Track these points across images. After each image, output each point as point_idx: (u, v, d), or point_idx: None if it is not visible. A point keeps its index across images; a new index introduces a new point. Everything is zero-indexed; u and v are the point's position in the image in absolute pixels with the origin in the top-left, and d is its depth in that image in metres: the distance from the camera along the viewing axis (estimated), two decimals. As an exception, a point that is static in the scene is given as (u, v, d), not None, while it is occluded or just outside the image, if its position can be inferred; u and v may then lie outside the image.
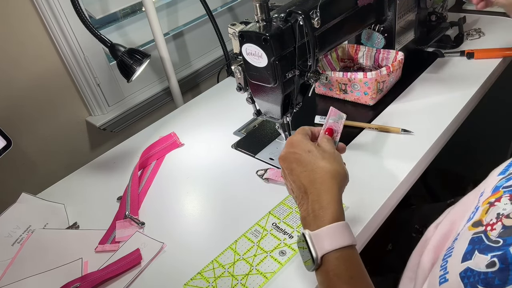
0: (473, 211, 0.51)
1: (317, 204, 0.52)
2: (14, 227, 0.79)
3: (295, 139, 0.59)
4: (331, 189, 0.52)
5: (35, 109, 1.03)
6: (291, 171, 0.57)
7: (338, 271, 0.48)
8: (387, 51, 0.97)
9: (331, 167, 0.54)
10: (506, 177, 0.49)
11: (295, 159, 0.57)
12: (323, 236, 0.49)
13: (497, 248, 0.39)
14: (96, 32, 0.90)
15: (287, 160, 0.58)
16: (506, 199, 0.44)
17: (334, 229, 0.49)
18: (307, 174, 0.54)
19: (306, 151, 0.56)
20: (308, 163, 0.55)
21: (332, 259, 0.48)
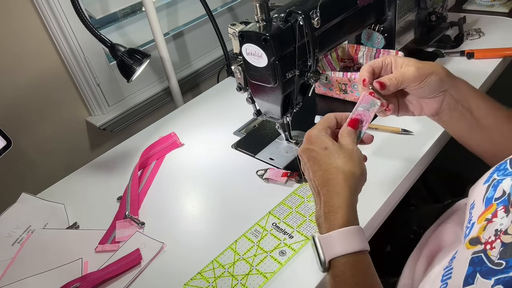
0: (467, 226, 0.50)
1: (328, 206, 0.50)
2: (14, 227, 0.79)
3: (312, 134, 0.55)
4: (343, 191, 0.50)
5: (35, 109, 1.03)
6: (307, 168, 0.55)
7: (344, 277, 0.47)
8: (387, 51, 0.97)
9: (345, 168, 0.51)
10: (492, 185, 0.49)
11: (311, 156, 0.54)
12: (332, 241, 0.48)
13: (500, 271, 0.38)
14: (96, 32, 0.90)
15: (304, 156, 0.55)
16: (501, 213, 0.43)
17: (344, 234, 0.48)
18: (321, 174, 0.52)
19: (322, 148, 0.53)
20: (323, 162, 0.52)
21: (339, 264, 0.47)
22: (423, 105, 0.61)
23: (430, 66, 0.58)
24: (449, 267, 0.47)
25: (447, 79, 0.58)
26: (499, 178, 0.48)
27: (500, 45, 1.01)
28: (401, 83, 0.57)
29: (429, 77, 0.57)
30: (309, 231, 0.67)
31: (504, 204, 0.44)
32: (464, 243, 0.46)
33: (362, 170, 0.53)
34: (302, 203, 0.72)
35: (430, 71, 0.57)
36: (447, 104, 0.59)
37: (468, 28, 1.13)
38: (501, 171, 0.49)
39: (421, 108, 0.62)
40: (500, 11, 1.20)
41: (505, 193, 0.45)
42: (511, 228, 0.40)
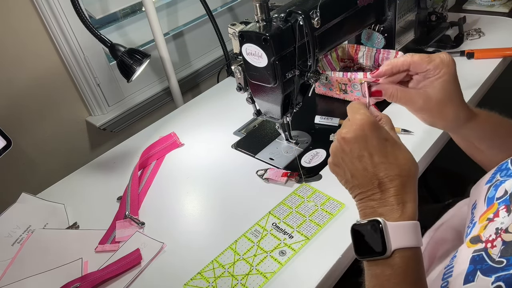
0: (468, 225, 0.50)
1: (399, 198, 0.47)
2: (14, 227, 0.79)
3: (367, 122, 0.49)
4: (412, 185, 0.48)
5: (35, 109, 1.03)
6: (359, 158, 0.49)
7: (406, 269, 0.45)
8: (387, 51, 0.97)
9: (413, 163, 0.49)
10: (493, 185, 0.48)
11: (371, 146, 0.48)
12: (403, 231, 0.45)
13: (500, 269, 0.38)
14: (96, 32, 0.90)
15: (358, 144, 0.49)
16: (503, 212, 0.43)
17: (414, 226, 0.46)
18: (386, 167, 0.48)
19: (383, 139, 0.49)
20: (389, 153, 0.48)
21: (406, 255, 0.45)
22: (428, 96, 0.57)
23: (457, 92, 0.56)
24: (450, 265, 0.47)
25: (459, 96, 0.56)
26: (502, 179, 0.48)
27: (500, 45, 1.01)
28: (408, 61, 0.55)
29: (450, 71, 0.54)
30: (309, 231, 0.67)
31: (505, 204, 0.44)
32: (465, 242, 0.46)
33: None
34: (302, 203, 0.72)
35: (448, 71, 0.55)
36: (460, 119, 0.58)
37: (468, 28, 1.13)
38: (503, 171, 0.49)
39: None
40: (500, 11, 1.20)
41: (506, 193, 0.45)
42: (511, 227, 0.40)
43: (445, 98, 0.55)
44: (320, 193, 0.74)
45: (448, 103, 0.56)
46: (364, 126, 0.49)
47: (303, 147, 0.86)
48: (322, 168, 0.79)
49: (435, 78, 0.55)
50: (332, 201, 0.71)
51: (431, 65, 0.54)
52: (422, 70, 0.55)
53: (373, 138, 0.49)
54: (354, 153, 0.50)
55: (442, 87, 0.55)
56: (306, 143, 0.87)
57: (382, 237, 0.45)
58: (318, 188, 0.75)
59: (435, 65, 0.54)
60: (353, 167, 0.50)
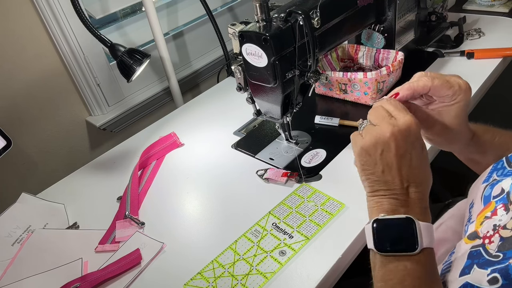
0: (466, 223, 0.50)
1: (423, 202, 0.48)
2: (14, 227, 0.79)
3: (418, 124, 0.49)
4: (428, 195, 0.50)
5: (35, 109, 1.03)
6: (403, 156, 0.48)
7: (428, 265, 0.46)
8: (387, 51, 0.97)
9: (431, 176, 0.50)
10: (490, 184, 0.49)
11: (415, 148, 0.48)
12: (431, 231, 0.47)
13: (497, 262, 0.38)
14: (96, 32, 0.90)
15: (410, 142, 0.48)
16: (501, 211, 0.44)
17: (433, 229, 0.48)
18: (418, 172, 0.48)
19: (422, 147, 0.49)
20: (423, 160, 0.49)
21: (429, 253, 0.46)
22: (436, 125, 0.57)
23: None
24: (448, 261, 0.47)
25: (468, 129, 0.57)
26: (499, 178, 0.48)
27: (500, 45, 1.01)
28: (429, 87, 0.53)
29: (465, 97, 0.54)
30: (309, 231, 0.67)
31: (503, 202, 0.44)
32: (463, 239, 0.47)
33: None
34: (302, 203, 0.72)
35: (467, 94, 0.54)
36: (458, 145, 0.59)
37: (468, 28, 1.13)
38: (499, 170, 0.49)
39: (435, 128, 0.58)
40: (500, 11, 1.20)
41: (503, 191, 0.45)
42: (510, 224, 0.41)
43: (457, 124, 0.55)
44: (320, 193, 0.74)
45: (460, 128, 0.56)
46: (415, 128, 0.48)
47: (303, 147, 0.86)
48: (322, 168, 0.79)
49: (451, 104, 0.54)
50: (332, 201, 0.71)
51: (450, 91, 0.53)
52: (441, 95, 0.54)
53: (419, 142, 0.49)
54: (399, 150, 0.48)
55: (456, 114, 0.55)
56: (306, 143, 0.87)
57: (415, 234, 0.46)
58: (318, 188, 0.75)
59: (454, 91, 0.53)
60: (389, 162, 0.48)
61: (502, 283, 0.37)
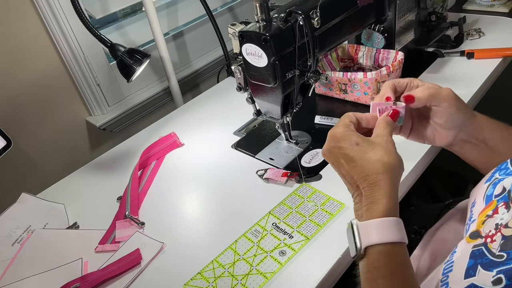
0: (467, 222, 0.50)
1: (369, 198, 0.50)
2: (14, 227, 0.79)
3: (338, 132, 0.54)
4: (384, 183, 0.50)
5: (35, 109, 1.03)
6: (339, 166, 0.54)
7: (377, 265, 0.47)
8: (387, 51, 0.97)
9: (384, 160, 0.50)
10: (492, 183, 0.49)
11: (342, 154, 0.53)
12: (370, 229, 0.48)
13: (501, 263, 0.38)
14: (96, 32, 0.90)
15: (333, 155, 0.54)
16: (502, 209, 0.44)
17: (383, 223, 0.48)
18: (358, 170, 0.51)
19: (353, 144, 0.52)
20: (358, 157, 0.51)
21: (375, 252, 0.47)
22: (435, 136, 0.60)
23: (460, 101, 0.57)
24: (450, 260, 0.47)
25: (468, 118, 0.57)
26: (501, 177, 0.48)
27: (500, 45, 1.01)
28: (432, 97, 0.55)
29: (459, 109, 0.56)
30: (309, 231, 0.67)
31: (504, 201, 0.44)
32: (464, 238, 0.46)
33: (399, 160, 0.52)
34: (302, 203, 0.72)
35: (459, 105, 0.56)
36: (460, 139, 0.59)
37: (468, 28, 1.13)
38: (503, 170, 0.49)
39: (433, 138, 0.61)
40: (500, 11, 1.20)
41: (505, 190, 0.45)
42: (511, 222, 0.41)
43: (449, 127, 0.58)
44: (320, 193, 0.74)
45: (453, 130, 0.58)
46: (330, 139, 0.55)
47: (303, 147, 0.86)
48: (322, 168, 0.79)
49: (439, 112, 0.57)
50: (332, 201, 0.71)
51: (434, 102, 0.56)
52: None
53: (340, 147, 0.53)
54: (334, 163, 0.55)
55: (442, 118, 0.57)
56: (306, 143, 0.87)
57: (354, 237, 0.49)
58: (318, 188, 0.75)
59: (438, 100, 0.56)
60: (340, 174, 0.55)
61: (506, 283, 0.37)
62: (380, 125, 0.55)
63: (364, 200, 0.51)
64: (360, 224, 0.49)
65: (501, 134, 0.57)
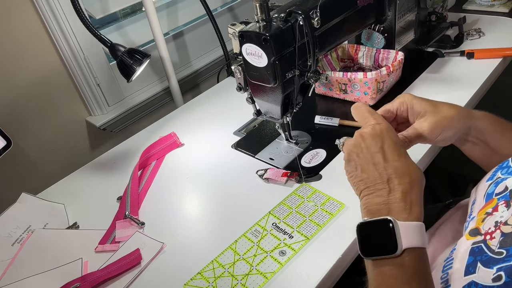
0: (467, 220, 0.50)
1: (408, 197, 0.49)
2: (14, 227, 0.79)
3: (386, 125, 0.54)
4: (420, 188, 0.50)
5: (35, 109, 1.03)
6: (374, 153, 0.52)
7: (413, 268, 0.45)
8: (387, 51, 0.97)
9: (421, 171, 0.52)
10: (494, 182, 0.49)
11: (391, 142, 0.52)
12: (414, 231, 0.47)
13: (501, 260, 0.38)
14: (96, 32, 0.90)
15: (377, 138, 0.52)
16: (502, 207, 0.44)
17: (423, 228, 0.47)
18: (398, 165, 0.50)
19: (398, 143, 0.53)
20: (402, 155, 0.51)
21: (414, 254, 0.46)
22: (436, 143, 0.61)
23: (447, 118, 0.56)
24: (450, 258, 0.47)
25: (464, 127, 0.57)
26: (503, 176, 0.48)
27: (500, 45, 1.01)
28: (414, 141, 0.57)
29: (444, 131, 0.56)
30: (309, 231, 0.67)
31: (505, 199, 0.44)
32: (464, 235, 0.47)
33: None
34: (302, 203, 0.72)
35: (446, 125, 0.56)
36: (460, 140, 0.60)
37: (468, 28, 1.13)
38: (505, 169, 0.49)
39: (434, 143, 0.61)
40: (500, 11, 1.20)
41: (507, 189, 0.45)
42: (511, 220, 0.41)
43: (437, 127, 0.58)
44: (320, 193, 0.74)
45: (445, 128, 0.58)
46: (382, 128, 0.53)
47: (303, 147, 0.86)
48: (322, 168, 0.79)
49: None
50: (332, 201, 0.71)
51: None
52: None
53: (389, 139, 0.52)
54: (371, 149, 0.52)
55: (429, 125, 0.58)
56: (306, 143, 0.87)
57: (393, 236, 0.46)
58: (318, 188, 0.75)
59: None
60: (365, 161, 0.52)
61: (505, 280, 0.37)
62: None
63: (401, 196, 0.49)
64: (402, 224, 0.47)
65: (503, 136, 0.58)
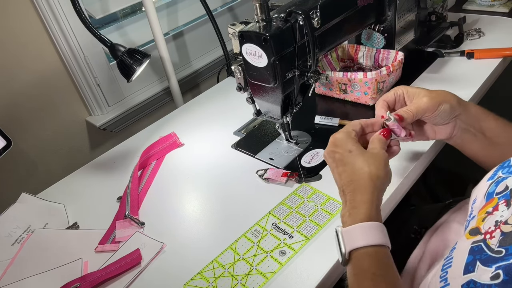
0: (467, 219, 0.50)
1: (352, 203, 0.53)
2: (14, 227, 0.79)
3: (338, 138, 0.59)
4: (366, 190, 0.53)
5: (35, 109, 1.03)
6: (333, 170, 0.59)
7: (362, 267, 0.49)
8: (387, 51, 0.97)
9: (371, 169, 0.54)
10: (495, 181, 0.49)
11: (335, 158, 0.58)
12: (353, 233, 0.51)
13: (500, 259, 0.39)
14: (96, 32, 0.90)
15: (330, 158, 0.59)
16: (502, 206, 0.44)
17: (365, 227, 0.51)
18: (346, 175, 0.56)
19: (347, 151, 0.57)
20: (348, 163, 0.56)
21: (358, 255, 0.50)
22: (436, 131, 0.65)
23: (441, 94, 0.61)
24: (449, 257, 0.47)
25: (457, 106, 0.60)
26: (504, 175, 0.48)
27: (500, 45, 1.01)
28: (417, 114, 0.60)
29: (441, 105, 0.59)
30: (309, 231, 0.67)
31: (505, 199, 0.44)
32: (464, 234, 0.47)
33: (387, 172, 0.56)
34: (302, 203, 0.72)
35: (441, 100, 0.60)
36: (459, 128, 0.63)
37: (468, 28, 1.13)
38: (506, 168, 0.49)
39: (435, 133, 0.65)
40: (500, 11, 1.20)
41: (507, 188, 0.46)
42: (511, 219, 0.41)
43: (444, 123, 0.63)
44: (320, 193, 0.74)
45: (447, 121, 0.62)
46: (330, 143, 0.60)
47: (303, 147, 0.86)
48: (322, 168, 0.79)
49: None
50: (332, 201, 0.71)
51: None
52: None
53: (336, 152, 0.58)
54: (330, 166, 0.60)
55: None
56: (306, 143, 0.87)
57: (338, 243, 0.52)
58: (318, 188, 0.75)
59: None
60: (334, 178, 0.59)
61: (503, 278, 0.37)
62: (374, 140, 0.59)
63: (348, 204, 0.54)
64: (344, 230, 0.52)
65: (497, 124, 0.61)
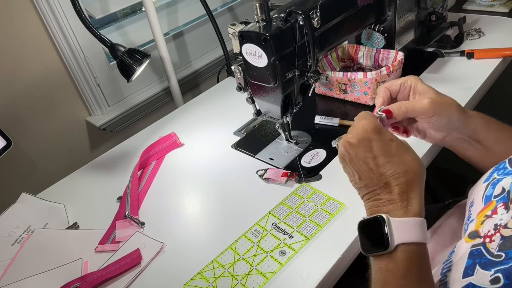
0: (466, 222, 0.50)
1: (405, 196, 0.49)
2: (14, 227, 0.79)
3: (375, 125, 0.52)
4: (420, 183, 0.50)
5: (35, 109, 1.03)
6: (365, 159, 0.52)
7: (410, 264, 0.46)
8: (387, 51, 0.97)
9: (419, 162, 0.51)
10: (491, 183, 0.49)
11: (377, 146, 0.51)
12: (408, 226, 0.47)
13: (499, 263, 0.38)
14: (96, 32, 0.90)
15: (362, 146, 0.52)
16: (501, 209, 0.44)
17: (420, 223, 0.48)
18: (393, 165, 0.50)
19: (388, 140, 0.52)
20: (394, 153, 0.51)
21: (409, 250, 0.46)
22: (426, 134, 0.62)
23: (444, 104, 0.56)
24: (448, 260, 0.47)
25: (456, 120, 0.56)
26: (499, 177, 0.48)
27: (500, 45, 1.01)
28: (408, 113, 0.56)
29: (439, 116, 0.55)
30: (309, 231, 0.67)
31: (503, 201, 0.44)
32: (463, 238, 0.47)
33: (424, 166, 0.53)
34: (302, 203, 0.72)
35: (442, 110, 0.55)
36: (452, 137, 0.59)
37: (468, 28, 1.13)
38: (501, 170, 0.49)
39: (424, 136, 0.62)
40: (500, 11, 1.20)
41: (504, 190, 0.45)
42: (511, 223, 0.41)
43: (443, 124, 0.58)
44: (320, 193, 0.74)
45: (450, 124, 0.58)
46: (368, 130, 0.52)
47: (303, 147, 0.86)
48: (322, 168, 0.79)
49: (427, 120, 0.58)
50: (332, 201, 0.71)
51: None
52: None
53: (377, 140, 0.51)
54: (359, 156, 0.52)
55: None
56: (306, 143, 0.87)
57: (385, 232, 0.47)
58: (318, 188, 0.75)
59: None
60: (359, 169, 0.53)
61: (504, 282, 0.37)
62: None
63: (398, 197, 0.49)
64: (395, 220, 0.47)
65: (497, 135, 0.57)
